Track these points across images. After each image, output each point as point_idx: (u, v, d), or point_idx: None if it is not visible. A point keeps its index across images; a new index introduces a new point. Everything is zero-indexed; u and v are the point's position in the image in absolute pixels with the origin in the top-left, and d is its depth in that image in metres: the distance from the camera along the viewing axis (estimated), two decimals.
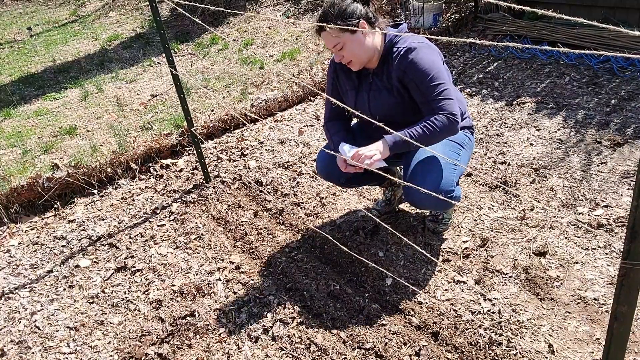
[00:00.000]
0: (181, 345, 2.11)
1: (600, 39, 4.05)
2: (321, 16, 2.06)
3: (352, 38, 2.02)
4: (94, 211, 3.14)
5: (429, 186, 2.03)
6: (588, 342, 1.89)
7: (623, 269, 1.02)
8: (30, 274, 2.67)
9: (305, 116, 3.98)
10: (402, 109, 2.12)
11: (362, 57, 2.07)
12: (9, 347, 2.22)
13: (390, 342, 1.97)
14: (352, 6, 2.03)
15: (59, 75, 5.70)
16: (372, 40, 2.07)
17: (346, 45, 2.03)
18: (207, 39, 6.28)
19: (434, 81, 1.99)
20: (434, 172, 2.10)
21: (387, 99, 2.12)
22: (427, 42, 2.11)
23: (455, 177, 2.16)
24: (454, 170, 2.15)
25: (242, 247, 2.65)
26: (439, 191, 2.07)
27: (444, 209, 2.40)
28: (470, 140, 2.33)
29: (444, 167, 2.12)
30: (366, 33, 2.05)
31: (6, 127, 4.41)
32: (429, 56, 2.02)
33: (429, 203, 2.15)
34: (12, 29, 7.83)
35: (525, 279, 2.20)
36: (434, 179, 2.08)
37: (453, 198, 2.15)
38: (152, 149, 3.58)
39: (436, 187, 2.06)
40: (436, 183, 2.07)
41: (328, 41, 2.06)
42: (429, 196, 2.00)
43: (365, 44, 2.05)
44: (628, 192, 2.62)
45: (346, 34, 2.01)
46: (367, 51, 2.07)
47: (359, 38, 2.03)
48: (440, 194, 2.06)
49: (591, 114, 3.37)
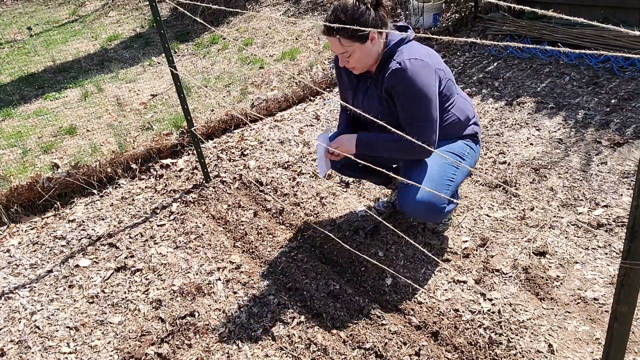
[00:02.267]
0: (181, 345, 2.11)
1: (600, 39, 4.05)
2: (332, 19, 1.98)
3: (361, 47, 2.00)
4: (94, 211, 3.14)
5: (421, 198, 2.07)
6: (588, 342, 1.89)
7: (623, 269, 1.02)
8: (30, 273, 2.67)
9: (305, 116, 3.98)
10: (391, 118, 2.10)
11: (366, 64, 2.07)
12: (9, 347, 2.22)
13: (390, 342, 1.97)
14: (365, 14, 1.96)
15: (59, 75, 5.70)
16: (378, 47, 2.05)
17: (354, 53, 2.01)
18: (207, 38, 6.28)
19: (416, 106, 1.99)
20: (429, 184, 2.09)
21: (378, 106, 2.12)
22: (426, 56, 2.03)
23: (450, 192, 2.16)
24: (448, 187, 2.15)
25: (242, 247, 2.65)
26: (430, 204, 2.09)
27: (431, 221, 2.40)
28: (472, 150, 2.28)
29: (438, 182, 2.11)
30: (374, 42, 2.02)
31: (6, 127, 4.41)
32: (419, 78, 1.97)
33: (417, 215, 2.17)
34: (12, 28, 7.83)
35: (525, 278, 2.20)
36: (426, 193, 2.07)
37: (442, 213, 2.17)
38: (152, 149, 3.58)
39: (427, 201, 2.08)
40: (428, 196, 2.07)
41: (336, 47, 2.03)
42: (418, 208, 2.08)
43: (372, 52, 2.03)
44: (628, 192, 2.62)
45: (356, 44, 1.99)
46: (372, 58, 2.05)
47: (367, 47, 2.01)
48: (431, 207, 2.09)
49: (591, 113, 3.37)
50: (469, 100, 2.31)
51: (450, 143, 2.22)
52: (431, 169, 2.14)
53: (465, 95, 2.31)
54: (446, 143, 2.21)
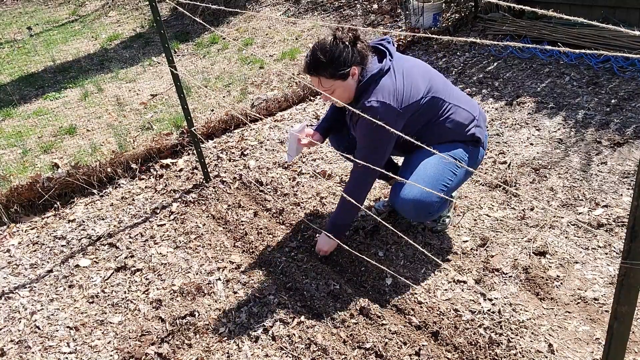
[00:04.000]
0: (181, 345, 2.11)
1: (600, 39, 4.05)
2: (312, 61, 2.02)
3: (343, 84, 2.04)
4: (94, 211, 3.14)
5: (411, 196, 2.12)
6: (588, 342, 1.89)
7: (623, 269, 1.02)
8: (30, 273, 2.67)
9: (305, 116, 3.98)
10: None
11: (349, 98, 2.12)
12: (9, 346, 2.22)
13: (390, 342, 1.97)
14: (344, 53, 1.99)
15: (59, 75, 5.70)
16: (356, 80, 2.08)
17: (336, 90, 2.06)
18: (207, 38, 6.28)
19: (366, 143, 2.11)
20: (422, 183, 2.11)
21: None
22: (394, 94, 2.03)
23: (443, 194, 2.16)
24: (442, 190, 2.16)
25: (242, 247, 2.65)
26: (418, 203, 2.12)
27: (420, 220, 2.42)
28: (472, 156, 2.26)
29: (431, 184, 2.13)
30: (355, 77, 2.04)
31: (6, 127, 4.41)
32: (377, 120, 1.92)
33: (406, 212, 2.21)
34: (12, 28, 7.83)
35: (525, 278, 2.20)
36: (418, 190, 2.10)
37: (430, 214, 2.20)
38: (152, 149, 3.58)
39: (416, 200, 2.11)
40: (419, 195, 2.11)
41: (318, 86, 2.07)
42: (406, 205, 2.14)
43: (353, 86, 2.07)
44: (628, 192, 2.62)
45: (337, 82, 2.03)
46: (353, 91, 2.09)
47: (349, 83, 2.05)
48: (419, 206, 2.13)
49: (591, 113, 3.37)
50: (467, 107, 2.24)
51: (451, 149, 2.21)
52: (426, 171, 2.16)
53: (463, 101, 2.24)
54: (446, 149, 2.20)
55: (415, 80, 2.10)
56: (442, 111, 2.17)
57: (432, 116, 2.16)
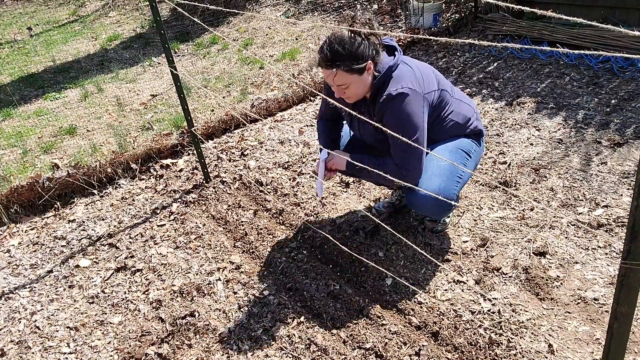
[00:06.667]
0: (181, 345, 2.11)
1: (600, 39, 4.05)
2: (330, 54, 1.94)
3: (359, 79, 2.00)
4: (94, 211, 3.14)
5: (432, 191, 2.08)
6: (588, 342, 1.89)
7: (623, 269, 1.02)
8: (30, 274, 2.67)
9: (306, 116, 3.98)
10: (386, 144, 2.13)
11: (362, 94, 2.08)
12: (9, 347, 2.22)
13: (390, 342, 1.97)
14: (362, 46, 1.95)
15: (59, 75, 5.70)
16: (371, 75, 2.04)
17: (351, 85, 2.01)
18: (207, 39, 6.28)
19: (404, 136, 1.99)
20: (439, 178, 2.12)
21: (373, 132, 2.15)
22: (415, 82, 2.03)
23: (459, 188, 2.19)
24: (458, 182, 2.18)
25: (242, 247, 2.65)
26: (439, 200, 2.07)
27: (440, 216, 2.41)
28: (478, 147, 2.33)
29: (449, 177, 2.14)
30: (370, 71, 2.01)
31: (6, 127, 4.41)
32: (408, 107, 1.99)
33: (426, 209, 2.21)
34: (12, 28, 7.83)
35: (525, 279, 2.20)
36: (437, 185, 2.10)
37: (450, 208, 2.22)
38: (152, 149, 3.58)
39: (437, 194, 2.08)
40: (438, 190, 2.09)
41: (331, 82, 2.02)
42: (427, 201, 2.11)
43: (367, 82, 2.03)
44: (628, 192, 2.62)
45: (354, 76, 1.98)
46: (367, 87, 2.06)
47: (364, 78, 2.00)
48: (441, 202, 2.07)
49: (591, 114, 3.37)
50: (467, 101, 2.33)
51: (458, 140, 2.27)
52: (440, 164, 2.16)
53: (463, 97, 2.33)
54: (453, 140, 2.26)
55: (427, 72, 2.14)
56: (449, 105, 2.21)
57: (442, 110, 2.20)
